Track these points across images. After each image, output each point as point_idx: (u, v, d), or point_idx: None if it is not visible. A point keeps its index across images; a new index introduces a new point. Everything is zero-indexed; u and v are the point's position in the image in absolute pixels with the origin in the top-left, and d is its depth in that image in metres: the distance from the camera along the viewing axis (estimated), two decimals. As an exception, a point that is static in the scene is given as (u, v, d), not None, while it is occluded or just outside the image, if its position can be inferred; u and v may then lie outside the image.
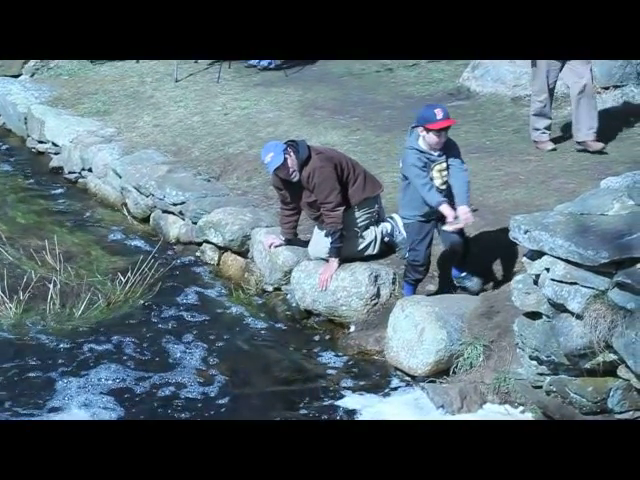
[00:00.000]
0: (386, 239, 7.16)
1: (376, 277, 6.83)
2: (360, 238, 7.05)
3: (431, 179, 6.33)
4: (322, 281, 6.86)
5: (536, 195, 7.59)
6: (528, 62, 11.15)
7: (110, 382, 6.18)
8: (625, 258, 4.56)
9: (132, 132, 10.54)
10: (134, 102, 11.48)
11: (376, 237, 7.10)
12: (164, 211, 8.76)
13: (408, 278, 6.65)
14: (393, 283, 6.87)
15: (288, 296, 7.24)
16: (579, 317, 4.73)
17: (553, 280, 4.86)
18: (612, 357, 4.66)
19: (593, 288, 4.69)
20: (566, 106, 9.40)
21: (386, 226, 7.17)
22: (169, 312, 7.20)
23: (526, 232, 5.02)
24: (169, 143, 10.06)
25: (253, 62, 12.31)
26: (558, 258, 4.84)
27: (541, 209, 6.19)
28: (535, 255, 5.05)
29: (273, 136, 9.71)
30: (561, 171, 8.18)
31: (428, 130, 6.25)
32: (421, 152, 6.31)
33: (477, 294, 6.50)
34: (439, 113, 6.28)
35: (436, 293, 6.70)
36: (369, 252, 7.08)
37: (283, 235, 7.33)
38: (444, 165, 6.38)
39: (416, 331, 6.08)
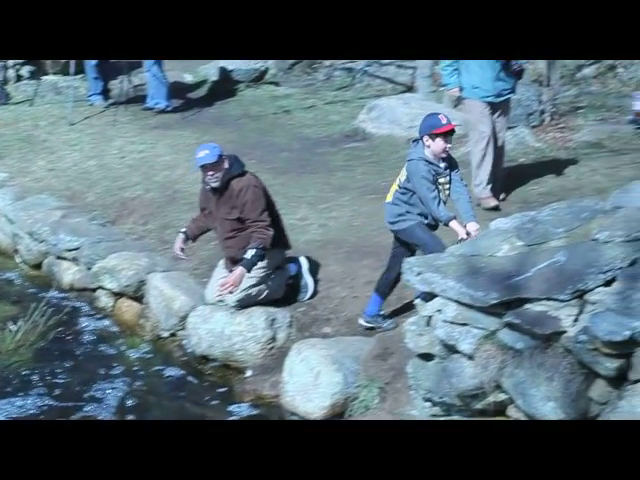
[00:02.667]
0: (290, 281, 7.14)
1: (272, 321, 6.80)
2: (273, 280, 7.02)
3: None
4: (229, 285, 6.75)
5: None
6: (423, 104, 11.42)
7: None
8: (514, 298, 4.60)
9: (25, 177, 10.32)
10: (27, 146, 11.27)
11: (282, 281, 7.08)
12: (58, 257, 8.58)
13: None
14: (290, 326, 6.85)
15: (184, 342, 7.15)
16: (470, 358, 4.75)
17: (445, 321, 4.88)
18: (502, 397, 4.68)
19: (483, 329, 4.72)
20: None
21: (291, 268, 7.15)
22: (62, 360, 7.03)
23: (419, 274, 5.04)
24: (63, 188, 9.90)
25: (149, 105, 12.24)
26: (450, 299, 4.86)
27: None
28: (428, 297, 5.07)
29: (169, 180, 9.69)
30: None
31: (435, 136, 6.26)
32: (430, 163, 6.31)
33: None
34: (443, 118, 6.33)
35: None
36: (275, 296, 7.06)
37: (188, 230, 7.24)
38: (448, 178, 6.40)
39: (312, 375, 6.06)
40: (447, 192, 6.40)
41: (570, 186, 8.80)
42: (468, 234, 6.16)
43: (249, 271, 6.77)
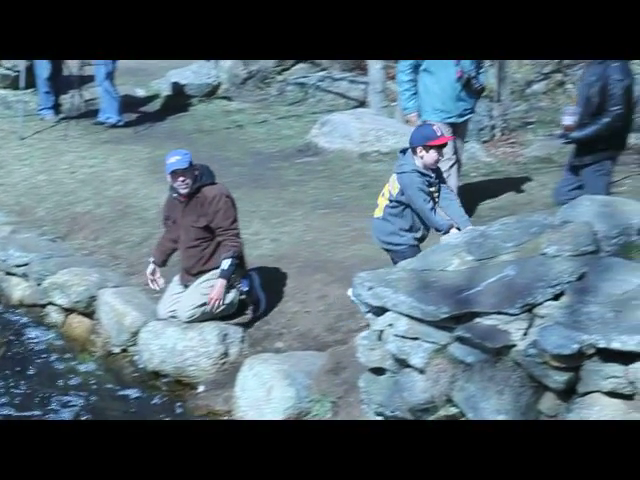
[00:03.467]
0: (242, 297, 7.13)
1: (225, 336, 6.79)
2: (226, 297, 6.97)
3: None
4: (214, 300, 6.79)
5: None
6: (375, 119, 11.47)
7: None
8: (464, 313, 4.64)
9: (-27, 193, 10.22)
10: (-24, 161, 11.15)
11: (235, 296, 7.06)
12: (7, 273, 8.47)
13: None
14: (242, 341, 6.84)
15: (135, 358, 7.10)
16: (421, 372, 4.78)
17: (396, 336, 4.91)
18: (453, 411, 4.71)
19: (434, 343, 4.75)
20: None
21: (243, 283, 7.14)
22: (11, 377, 6.95)
23: (370, 289, 5.07)
24: (13, 203, 9.79)
25: (101, 119, 12.16)
26: (401, 314, 4.89)
27: (388, 264, 6.29)
28: (379, 311, 5.10)
29: (121, 194, 9.63)
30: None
31: (429, 148, 6.27)
32: (423, 175, 6.31)
33: None
34: (438, 130, 6.37)
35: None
36: (228, 312, 7.03)
37: (154, 258, 7.25)
38: (437, 187, 6.44)
39: (264, 389, 6.05)
40: (437, 200, 6.44)
41: (521, 201, 8.89)
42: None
43: (228, 280, 6.81)
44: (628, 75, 7.10)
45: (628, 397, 4.13)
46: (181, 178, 6.80)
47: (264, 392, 6.05)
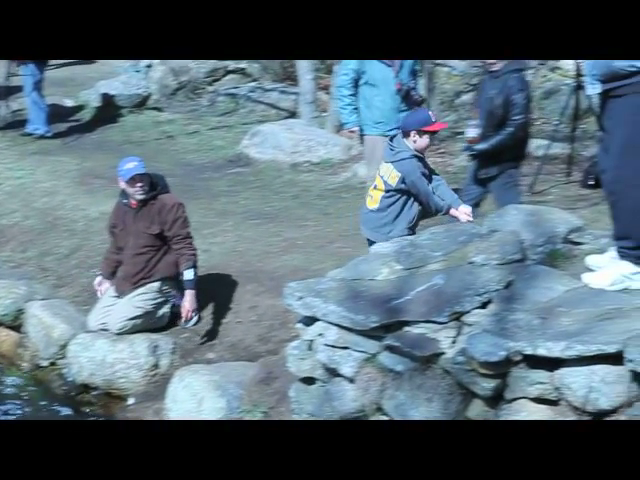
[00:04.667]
0: (174, 309, 7.09)
1: (155, 347, 6.75)
2: (159, 309, 6.98)
3: None
4: (189, 312, 6.84)
5: (314, 260, 7.70)
6: (306, 130, 11.51)
7: None
8: (393, 321, 4.67)
9: None
10: None
11: (166, 308, 7.05)
12: None
13: None
14: (173, 353, 6.80)
15: (64, 371, 7.00)
16: (351, 381, 4.80)
17: (326, 345, 4.93)
18: (383, 419, 4.74)
19: (364, 352, 4.77)
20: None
21: (176, 294, 7.11)
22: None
23: (300, 299, 5.08)
24: (-64, 216, 9.63)
25: (29, 130, 12.01)
26: (331, 323, 4.91)
27: (319, 274, 6.29)
28: (309, 321, 5.11)
29: (49, 206, 9.51)
30: (338, 235, 8.36)
31: (424, 133, 6.27)
32: (419, 159, 6.32)
33: None
34: (433, 115, 6.38)
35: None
36: (159, 324, 7.01)
37: (102, 270, 7.26)
38: (427, 171, 6.44)
39: (195, 401, 6.01)
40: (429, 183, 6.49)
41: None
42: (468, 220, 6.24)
43: (195, 289, 6.87)
44: (527, 86, 7.27)
45: (554, 403, 4.19)
46: (139, 184, 6.81)
47: (195, 403, 6.01)
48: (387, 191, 6.44)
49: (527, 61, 7.59)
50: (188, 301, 6.86)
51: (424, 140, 6.36)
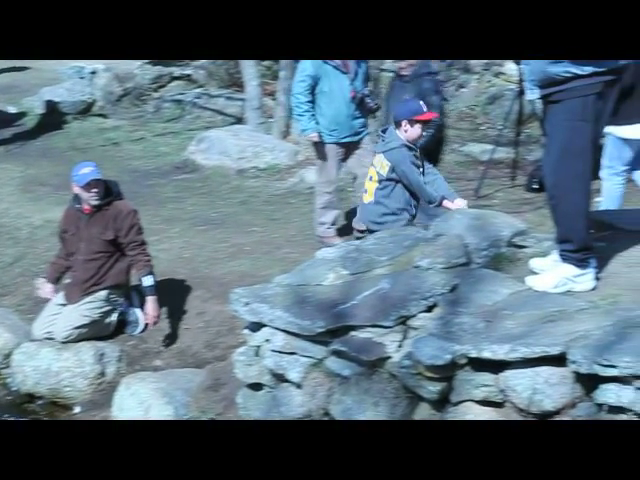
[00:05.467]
0: (120, 317, 7.04)
1: (101, 355, 6.70)
2: (106, 318, 6.93)
3: None
4: (154, 318, 6.82)
5: (261, 266, 7.70)
6: (252, 136, 11.50)
7: None
8: (340, 326, 4.68)
9: None
10: None
11: (113, 316, 7.00)
12: None
13: None
14: (119, 361, 6.75)
15: (8, 380, 6.92)
16: (299, 386, 4.81)
17: (273, 351, 4.93)
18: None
19: (311, 357, 4.78)
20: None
21: (121, 302, 7.07)
22: None
23: (246, 304, 5.07)
24: None
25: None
26: (278, 329, 4.91)
27: (266, 279, 6.27)
28: (256, 327, 5.11)
29: (-8, 214, 9.40)
30: (285, 241, 8.37)
31: (415, 122, 6.26)
32: (410, 149, 6.29)
33: None
34: (424, 105, 6.36)
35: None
36: (105, 332, 6.96)
37: (47, 274, 7.16)
38: (422, 163, 6.45)
39: (142, 409, 5.97)
40: (423, 176, 6.50)
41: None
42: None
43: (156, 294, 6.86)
44: (441, 88, 7.35)
45: (499, 405, 4.23)
46: (95, 189, 6.78)
47: (142, 411, 5.97)
48: (380, 181, 6.46)
49: (436, 65, 7.66)
50: (152, 308, 6.83)
51: (416, 130, 6.40)
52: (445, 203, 6.38)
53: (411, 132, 6.40)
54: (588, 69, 4.31)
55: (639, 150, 7.17)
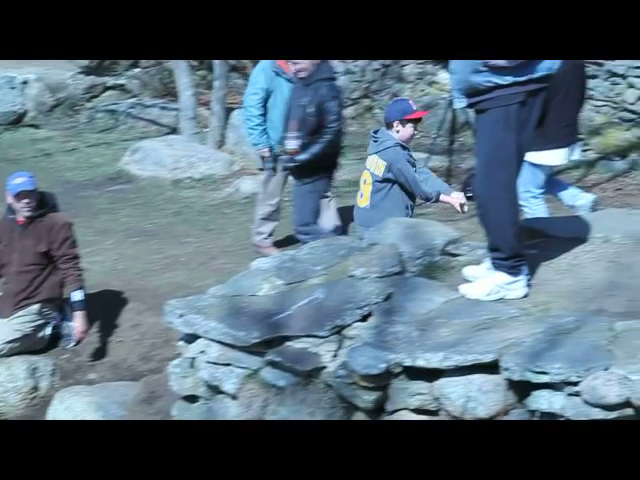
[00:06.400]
0: (54, 331, 6.96)
1: (34, 370, 6.64)
2: (39, 332, 6.86)
3: None
4: (82, 333, 6.78)
5: (196, 277, 7.68)
6: (187, 146, 11.46)
7: None
8: (275, 337, 4.66)
9: None
10: None
11: (46, 330, 6.93)
12: None
13: None
14: (52, 375, 6.69)
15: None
16: (234, 398, 4.77)
17: (208, 362, 4.89)
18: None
19: (246, 368, 4.75)
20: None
21: (57, 315, 6.99)
22: None
23: (181, 316, 5.03)
24: None
25: None
26: (212, 340, 4.88)
27: (201, 290, 6.23)
28: (191, 338, 5.07)
29: None
30: (221, 252, 8.36)
31: (406, 122, 6.24)
32: (404, 147, 6.27)
33: None
34: (413, 104, 6.38)
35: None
36: (38, 346, 6.87)
37: None
38: (413, 161, 6.42)
39: (76, 423, 5.92)
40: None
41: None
42: (462, 205, 6.31)
43: (86, 310, 6.82)
44: (339, 93, 7.34)
45: (433, 413, 4.24)
46: (26, 200, 6.69)
47: (76, 426, 5.91)
48: (376, 182, 6.43)
49: (334, 69, 7.64)
50: (80, 323, 6.79)
51: (408, 130, 6.40)
52: (442, 198, 6.40)
53: (403, 132, 6.41)
54: (509, 79, 4.36)
55: (552, 173, 7.36)
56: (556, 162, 7.38)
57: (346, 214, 8.96)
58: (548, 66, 4.40)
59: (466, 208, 6.42)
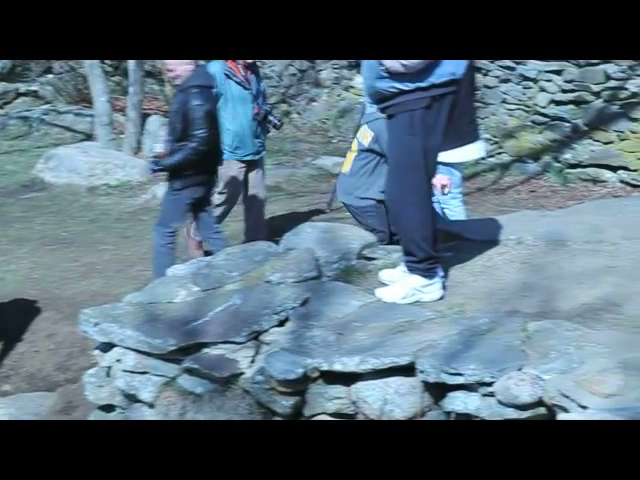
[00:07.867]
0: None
1: (-54, 382, 6.48)
2: None
3: None
4: None
5: (114, 284, 7.60)
6: (102, 152, 11.34)
7: None
8: (192, 344, 4.63)
9: None
10: None
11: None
12: None
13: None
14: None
15: None
16: (151, 406, 4.73)
17: (125, 371, 4.84)
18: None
19: (163, 376, 4.71)
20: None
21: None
22: None
23: (96, 325, 4.97)
24: None
25: None
26: (129, 349, 4.83)
27: (119, 298, 6.17)
28: (107, 347, 5.01)
29: None
30: (138, 259, 8.29)
31: None
32: None
33: None
34: None
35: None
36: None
37: None
38: None
39: (-10, 436, 5.80)
40: None
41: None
42: (444, 186, 6.31)
43: None
44: (208, 100, 7.29)
45: (351, 417, 4.26)
46: None
47: (-10, 438, 5.79)
48: (360, 151, 6.39)
49: (211, 77, 7.59)
50: None
51: None
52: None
53: None
54: (410, 85, 4.40)
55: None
56: (471, 157, 7.38)
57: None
58: (451, 71, 4.44)
59: (447, 190, 6.49)
